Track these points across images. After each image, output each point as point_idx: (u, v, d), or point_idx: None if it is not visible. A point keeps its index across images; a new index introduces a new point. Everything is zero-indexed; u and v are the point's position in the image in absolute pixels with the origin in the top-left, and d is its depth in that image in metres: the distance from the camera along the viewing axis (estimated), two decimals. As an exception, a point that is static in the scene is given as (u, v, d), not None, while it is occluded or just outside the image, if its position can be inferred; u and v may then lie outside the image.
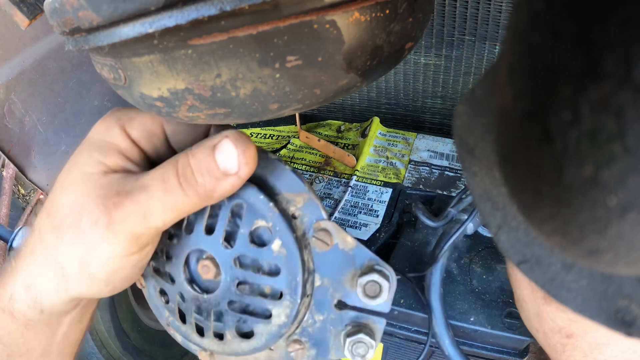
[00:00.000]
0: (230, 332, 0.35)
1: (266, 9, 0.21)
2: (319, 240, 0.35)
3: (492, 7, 0.59)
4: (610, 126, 0.10)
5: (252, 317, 0.35)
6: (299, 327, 0.36)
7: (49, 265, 0.30)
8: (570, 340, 0.28)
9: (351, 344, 0.35)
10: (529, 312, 0.32)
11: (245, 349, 0.36)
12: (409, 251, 0.48)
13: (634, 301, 0.19)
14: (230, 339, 0.36)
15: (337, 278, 0.35)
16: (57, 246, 0.29)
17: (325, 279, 0.36)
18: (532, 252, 0.21)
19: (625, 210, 0.11)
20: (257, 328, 0.35)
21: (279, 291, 0.34)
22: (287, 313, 0.34)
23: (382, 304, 0.35)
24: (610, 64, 0.10)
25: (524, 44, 0.13)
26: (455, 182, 0.58)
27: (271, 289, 0.35)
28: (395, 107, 0.78)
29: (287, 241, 0.34)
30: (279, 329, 0.35)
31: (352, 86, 0.28)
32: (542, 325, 0.30)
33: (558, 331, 0.29)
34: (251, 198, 0.33)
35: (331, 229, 0.35)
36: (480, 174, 0.22)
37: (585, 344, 0.28)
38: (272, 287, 0.35)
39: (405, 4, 0.26)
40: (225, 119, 0.28)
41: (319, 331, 0.36)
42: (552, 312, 0.29)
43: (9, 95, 0.64)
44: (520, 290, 0.32)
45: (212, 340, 0.36)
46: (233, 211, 0.35)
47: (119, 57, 0.26)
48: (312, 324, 0.36)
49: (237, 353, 0.36)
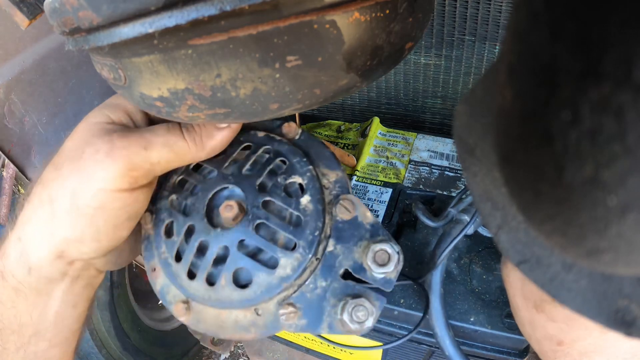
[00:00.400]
0: (226, 276, 0.35)
1: (266, 9, 0.21)
2: (343, 207, 0.38)
3: (492, 7, 0.59)
4: (610, 126, 0.10)
5: (257, 263, 0.35)
6: (298, 290, 0.36)
7: (41, 203, 0.31)
8: (560, 347, 0.29)
9: (351, 306, 0.35)
10: (522, 319, 0.32)
11: (234, 298, 0.35)
12: (409, 251, 0.48)
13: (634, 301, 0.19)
14: (223, 285, 0.35)
15: (349, 247, 0.37)
16: (54, 181, 0.31)
17: (338, 245, 0.37)
18: (532, 252, 0.21)
19: (625, 210, 0.11)
20: (257, 277, 0.35)
21: (293, 242, 0.36)
22: (294, 266, 0.35)
23: (386, 279, 0.36)
24: (610, 64, 0.10)
25: (524, 44, 0.13)
26: (455, 182, 0.58)
27: (286, 239, 0.37)
28: (395, 107, 0.78)
29: (315, 199, 0.37)
30: (280, 282, 0.35)
31: (352, 86, 0.28)
32: (534, 332, 0.31)
33: (549, 339, 0.29)
34: (294, 159, 0.38)
35: (355, 202, 0.38)
36: (480, 174, 0.22)
37: (575, 352, 0.28)
38: (288, 238, 0.36)
39: (405, 4, 0.26)
40: (225, 119, 0.28)
41: (316, 299, 0.36)
42: (544, 320, 0.29)
43: (9, 95, 0.64)
44: (514, 297, 0.32)
45: (201, 284, 0.36)
46: (274, 166, 0.39)
47: (119, 57, 0.26)
48: (312, 290, 0.36)
49: (221, 303, 0.36)
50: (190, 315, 0.37)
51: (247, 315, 0.37)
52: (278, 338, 0.79)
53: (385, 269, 0.35)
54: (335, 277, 0.37)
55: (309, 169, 0.38)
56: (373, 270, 0.36)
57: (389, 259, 0.36)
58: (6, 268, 0.31)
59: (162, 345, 1.22)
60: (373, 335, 0.49)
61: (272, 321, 0.36)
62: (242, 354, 1.48)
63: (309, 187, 0.38)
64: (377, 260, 0.36)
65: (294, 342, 0.75)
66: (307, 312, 0.36)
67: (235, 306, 0.36)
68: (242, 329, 0.37)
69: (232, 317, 0.37)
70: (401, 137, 0.67)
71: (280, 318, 0.36)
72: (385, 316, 0.46)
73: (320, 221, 0.37)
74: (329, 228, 0.38)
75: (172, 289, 0.38)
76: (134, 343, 1.10)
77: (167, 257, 0.38)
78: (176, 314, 0.37)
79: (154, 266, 0.39)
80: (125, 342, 1.08)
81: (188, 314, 0.37)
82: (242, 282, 0.36)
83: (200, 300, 0.36)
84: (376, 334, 0.49)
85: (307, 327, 0.36)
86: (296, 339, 0.73)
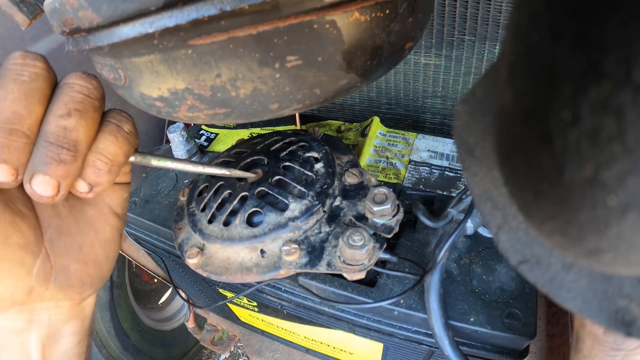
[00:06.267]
0: (240, 217, 0.41)
1: (266, 9, 0.21)
2: (352, 173, 0.46)
3: (492, 7, 0.59)
4: (610, 126, 0.10)
5: (269, 206, 0.42)
6: (304, 234, 0.41)
7: None
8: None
9: (348, 232, 0.38)
10: None
11: (244, 235, 0.40)
12: (409, 251, 0.47)
13: (634, 301, 0.19)
14: (237, 225, 0.41)
15: (354, 202, 0.43)
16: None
17: (344, 202, 0.44)
18: (532, 252, 0.21)
19: (625, 210, 0.11)
20: (267, 217, 0.41)
21: (303, 193, 0.43)
22: (301, 210, 0.41)
23: (386, 225, 0.40)
24: (610, 64, 0.10)
25: (524, 44, 0.13)
26: (455, 182, 0.58)
27: (299, 192, 0.43)
28: (395, 107, 0.78)
29: (327, 165, 0.45)
30: (287, 222, 0.40)
31: (352, 86, 0.28)
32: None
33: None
34: (313, 143, 0.48)
35: (362, 171, 0.47)
36: (480, 174, 0.22)
37: None
38: (300, 190, 0.43)
39: (405, 4, 0.26)
40: (225, 119, 0.28)
41: (319, 240, 0.41)
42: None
43: (9, 95, 0.64)
44: None
45: (217, 226, 0.42)
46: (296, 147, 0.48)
47: (119, 57, 0.26)
48: (316, 234, 0.41)
49: (231, 240, 0.41)
50: (200, 259, 0.43)
51: (253, 257, 0.41)
52: (278, 338, 0.79)
53: (382, 206, 0.39)
54: (339, 224, 0.42)
55: (325, 148, 0.47)
56: (373, 213, 0.40)
57: (386, 198, 0.40)
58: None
59: (162, 345, 1.22)
60: (373, 335, 0.49)
61: (275, 262, 0.40)
62: (242, 354, 1.48)
63: (323, 159, 0.46)
64: (376, 200, 0.40)
65: (294, 342, 0.75)
66: (308, 252, 0.40)
67: (244, 242, 0.40)
68: (246, 270, 0.41)
69: (239, 259, 0.41)
70: (401, 137, 0.67)
71: (282, 255, 0.40)
72: (385, 316, 0.46)
73: (330, 179, 0.44)
74: (338, 189, 0.45)
75: (190, 240, 0.45)
76: (134, 343, 1.10)
77: (194, 209, 0.45)
78: (188, 257, 0.43)
79: (181, 226, 0.47)
80: (125, 342, 1.08)
81: (199, 257, 0.43)
82: (254, 223, 0.42)
83: (213, 240, 0.41)
84: (376, 334, 0.49)
85: (307, 265, 0.39)
86: (296, 339, 0.73)
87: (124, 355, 1.07)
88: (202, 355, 1.46)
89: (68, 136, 0.25)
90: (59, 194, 0.26)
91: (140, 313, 1.16)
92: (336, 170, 0.45)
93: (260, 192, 0.42)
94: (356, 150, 0.68)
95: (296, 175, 0.45)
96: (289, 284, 0.50)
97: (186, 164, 0.34)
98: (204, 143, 0.73)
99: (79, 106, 0.26)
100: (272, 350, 0.89)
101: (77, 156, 0.26)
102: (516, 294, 0.43)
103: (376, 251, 0.38)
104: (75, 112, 0.26)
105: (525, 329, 0.40)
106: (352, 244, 0.37)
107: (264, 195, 0.43)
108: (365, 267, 0.37)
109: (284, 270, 0.39)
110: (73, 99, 0.26)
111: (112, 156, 0.28)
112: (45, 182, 0.25)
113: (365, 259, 0.37)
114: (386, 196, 0.40)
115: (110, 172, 0.28)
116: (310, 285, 0.47)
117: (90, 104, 0.26)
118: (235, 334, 0.97)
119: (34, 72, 0.25)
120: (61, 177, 0.25)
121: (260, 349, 0.90)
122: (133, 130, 0.30)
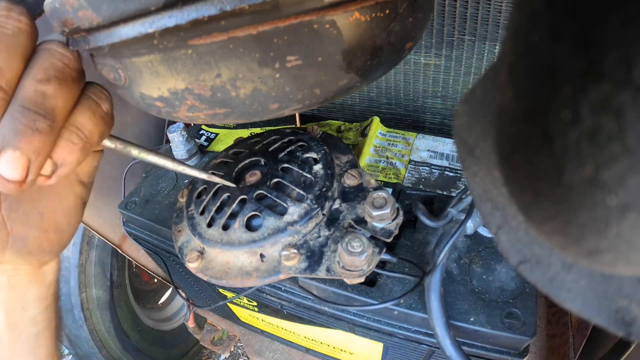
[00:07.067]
0: (239, 221, 0.41)
1: (266, 9, 0.21)
2: (351, 174, 0.45)
3: (492, 7, 0.59)
4: (610, 126, 0.10)
5: (268, 210, 0.41)
6: (303, 238, 0.41)
7: None
8: None
9: (347, 238, 0.38)
10: None
11: (243, 239, 0.40)
12: (408, 251, 0.47)
13: (634, 301, 0.19)
14: (236, 229, 0.41)
15: (353, 205, 0.43)
16: None
17: (344, 204, 0.43)
18: (532, 252, 0.21)
19: (625, 210, 0.11)
20: (266, 222, 0.41)
21: (302, 196, 0.42)
22: (300, 214, 0.40)
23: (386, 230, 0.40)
24: (610, 64, 0.10)
25: (524, 44, 0.13)
26: (455, 182, 0.58)
27: (297, 194, 0.43)
28: (395, 107, 0.78)
29: (325, 166, 0.44)
30: (286, 226, 0.40)
31: (352, 86, 0.28)
32: None
33: None
34: (312, 143, 0.47)
35: (362, 172, 0.46)
36: (480, 174, 0.22)
37: None
38: (299, 193, 0.42)
39: (405, 4, 0.26)
40: (225, 119, 0.28)
41: (318, 245, 0.40)
42: None
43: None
44: None
45: (216, 230, 0.42)
46: (295, 147, 0.47)
47: (119, 57, 0.26)
48: (315, 238, 0.41)
49: (231, 245, 0.40)
50: (200, 263, 0.42)
51: (253, 261, 0.41)
52: (278, 338, 0.78)
53: (382, 211, 0.39)
54: (338, 228, 0.41)
55: (324, 148, 0.46)
56: (372, 217, 0.39)
57: (386, 202, 0.39)
58: None
59: (162, 345, 1.22)
60: (373, 335, 0.49)
61: (274, 267, 0.40)
62: (242, 354, 1.48)
63: (322, 160, 0.45)
64: (375, 204, 0.40)
65: (294, 342, 0.75)
66: (307, 257, 0.39)
67: (243, 247, 0.40)
68: (246, 274, 0.40)
69: (238, 264, 0.41)
70: (401, 137, 0.67)
71: (281, 260, 0.39)
72: (385, 316, 0.46)
73: (329, 181, 0.43)
74: (337, 192, 0.44)
75: (190, 243, 0.44)
76: (134, 343, 1.10)
77: (194, 212, 0.44)
78: (188, 261, 0.42)
79: (180, 228, 0.46)
80: (125, 342, 1.08)
81: (199, 261, 0.42)
82: (253, 227, 0.41)
83: (213, 244, 0.41)
84: (376, 334, 0.49)
85: (306, 270, 0.39)
86: (296, 339, 0.73)
87: (124, 355, 1.07)
88: (202, 355, 1.46)
89: (46, 103, 0.23)
90: (27, 179, 0.23)
91: (140, 313, 1.16)
92: (335, 172, 0.45)
93: (259, 195, 0.42)
94: (356, 150, 0.68)
95: (295, 177, 0.44)
96: (288, 284, 0.50)
97: (167, 160, 0.34)
98: (204, 143, 0.73)
99: (58, 74, 0.24)
100: (272, 350, 0.89)
101: (53, 127, 0.23)
102: (516, 294, 0.43)
103: (375, 256, 0.38)
104: (55, 80, 0.24)
105: (525, 328, 0.40)
106: (351, 251, 0.36)
107: (263, 198, 0.42)
108: (364, 272, 0.37)
109: (284, 275, 0.39)
110: (53, 65, 0.24)
111: (88, 132, 0.26)
112: (15, 159, 0.22)
113: (364, 265, 0.37)
114: (385, 200, 0.39)
115: (83, 150, 0.26)
116: (310, 285, 0.47)
117: (69, 74, 0.25)
118: (235, 334, 0.97)
119: (17, 27, 0.23)
120: (34, 152, 0.23)
121: (260, 349, 0.90)
122: (110, 110, 0.28)
